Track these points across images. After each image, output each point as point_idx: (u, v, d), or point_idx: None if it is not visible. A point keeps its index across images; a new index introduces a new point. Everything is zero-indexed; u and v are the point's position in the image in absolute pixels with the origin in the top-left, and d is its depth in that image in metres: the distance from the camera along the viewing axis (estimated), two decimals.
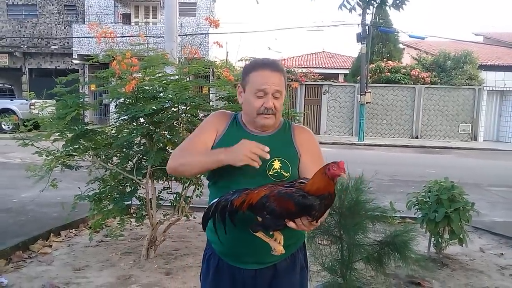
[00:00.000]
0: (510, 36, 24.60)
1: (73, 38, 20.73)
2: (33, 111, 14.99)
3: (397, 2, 3.05)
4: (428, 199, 4.15)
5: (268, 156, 1.54)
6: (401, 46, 21.60)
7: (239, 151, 1.52)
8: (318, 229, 3.24)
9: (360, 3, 3.19)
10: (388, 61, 19.33)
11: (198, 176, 4.05)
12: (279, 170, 1.64)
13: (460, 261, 4.24)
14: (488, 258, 4.40)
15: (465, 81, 18.41)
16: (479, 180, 8.75)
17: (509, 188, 8.39)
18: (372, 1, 3.18)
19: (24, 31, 22.32)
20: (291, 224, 1.43)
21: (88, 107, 4.12)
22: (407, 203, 4.30)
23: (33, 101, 15.93)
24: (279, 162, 1.65)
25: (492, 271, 4.04)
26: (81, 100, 3.91)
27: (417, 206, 4.23)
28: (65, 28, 22.22)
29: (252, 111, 1.70)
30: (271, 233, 1.52)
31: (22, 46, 22.18)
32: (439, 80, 18.92)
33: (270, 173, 1.64)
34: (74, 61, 21.00)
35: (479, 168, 11.28)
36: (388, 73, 18.84)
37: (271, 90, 1.66)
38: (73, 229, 4.86)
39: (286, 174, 1.65)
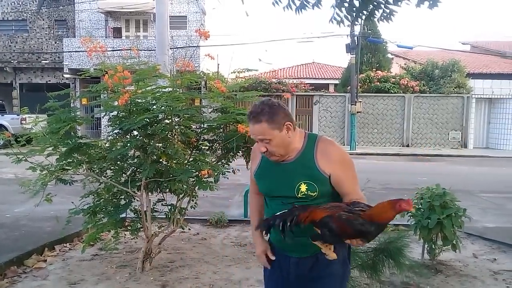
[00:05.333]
0: (497, 44, 24.99)
1: (64, 53, 20.72)
2: (24, 126, 14.94)
3: (385, 14, 3.11)
4: (420, 206, 4.19)
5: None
6: (389, 56, 21.84)
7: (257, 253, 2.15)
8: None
9: (349, 16, 3.24)
10: (378, 71, 19.51)
11: (193, 188, 4.08)
12: (306, 192, 1.88)
13: (453, 267, 4.28)
14: (481, 264, 4.45)
15: (453, 89, 18.62)
16: (470, 187, 8.84)
17: (500, 194, 8.49)
18: (360, 14, 3.23)
19: (15, 46, 22.27)
20: (347, 241, 1.67)
21: (81, 121, 4.14)
22: None
23: (24, 116, 15.88)
24: (305, 185, 1.88)
25: (486, 276, 4.08)
26: (73, 114, 3.93)
27: (410, 213, 4.28)
28: (55, 42, 22.20)
29: None
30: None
31: (12, 61, 22.11)
32: (428, 89, 19.13)
33: (299, 195, 1.88)
34: (65, 76, 20.96)
35: (470, 175, 11.39)
36: (378, 83, 19.01)
37: (258, 139, 1.91)
38: (68, 243, 4.84)
39: (313, 194, 1.88)
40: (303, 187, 1.87)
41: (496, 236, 5.31)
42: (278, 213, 1.80)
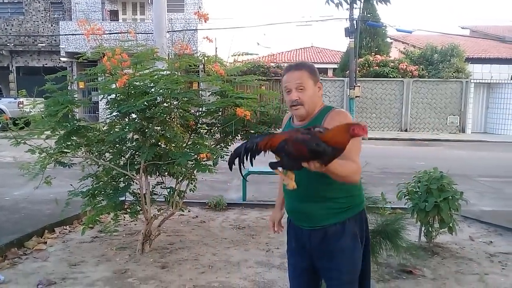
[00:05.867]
0: (496, 29, 24.86)
1: (61, 36, 20.52)
2: (22, 109, 14.88)
3: None
4: (418, 189, 4.22)
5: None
6: (389, 40, 21.71)
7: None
8: None
9: None
10: (376, 55, 19.43)
11: (192, 171, 4.09)
12: None
13: (450, 249, 4.32)
14: (478, 246, 4.49)
15: (452, 74, 18.58)
16: (468, 171, 8.89)
17: (497, 178, 8.54)
18: None
19: (11, 29, 22.06)
20: (304, 164, 1.65)
21: (79, 104, 4.12)
22: (397, 194, 4.37)
23: (21, 99, 15.80)
24: None
25: (482, 259, 4.12)
26: (71, 97, 3.90)
27: (407, 196, 4.31)
28: (52, 25, 21.99)
29: (287, 106, 2.08)
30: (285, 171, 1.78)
31: (8, 44, 21.90)
32: (427, 73, 19.08)
33: None
34: (62, 59, 20.79)
35: (468, 160, 11.44)
36: (377, 67, 18.95)
37: (293, 86, 2.00)
38: (67, 226, 4.87)
39: None
40: None
41: (493, 220, 5.36)
42: (241, 144, 1.86)
